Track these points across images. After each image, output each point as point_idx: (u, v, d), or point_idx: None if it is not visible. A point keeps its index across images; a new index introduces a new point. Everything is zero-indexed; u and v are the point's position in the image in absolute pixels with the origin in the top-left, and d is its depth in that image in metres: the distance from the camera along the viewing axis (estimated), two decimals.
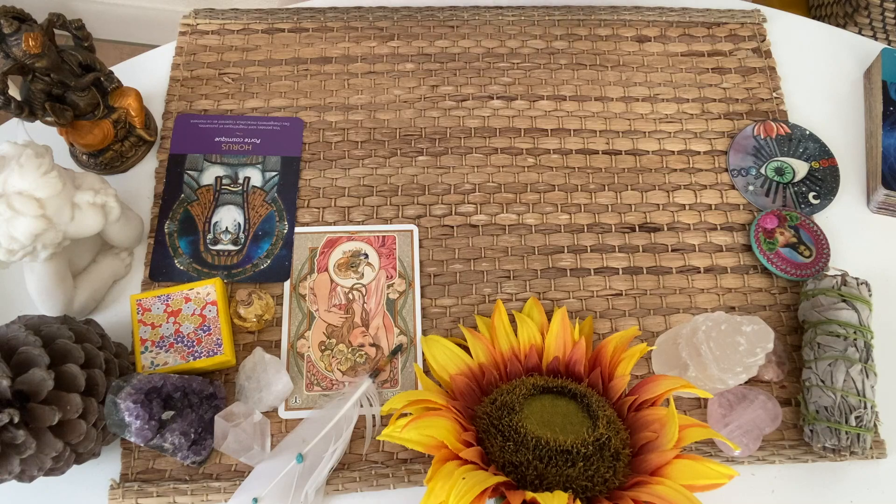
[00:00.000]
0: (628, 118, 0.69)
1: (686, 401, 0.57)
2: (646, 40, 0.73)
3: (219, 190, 0.63)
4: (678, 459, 0.46)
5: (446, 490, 0.42)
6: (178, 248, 0.61)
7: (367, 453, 0.55)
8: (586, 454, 0.46)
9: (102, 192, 0.53)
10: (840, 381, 0.53)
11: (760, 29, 0.74)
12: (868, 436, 0.52)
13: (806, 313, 0.58)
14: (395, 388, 0.57)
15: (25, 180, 0.48)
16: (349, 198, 0.64)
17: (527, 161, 0.66)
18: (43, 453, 0.45)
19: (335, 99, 0.68)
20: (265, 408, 0.55)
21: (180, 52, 0.70)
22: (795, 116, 0.70)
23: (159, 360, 0.54)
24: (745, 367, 0.52)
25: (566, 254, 0.63)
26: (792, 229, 0.62)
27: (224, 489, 0.52)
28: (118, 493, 0.52)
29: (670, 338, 0.56)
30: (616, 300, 0.61)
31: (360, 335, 0.58)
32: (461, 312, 0.60)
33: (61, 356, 0.47)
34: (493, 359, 0.55)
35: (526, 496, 0.43)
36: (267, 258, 0.60)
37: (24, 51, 0.52)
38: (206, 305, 0.56)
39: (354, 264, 0.61)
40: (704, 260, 0.63)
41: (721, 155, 0.68)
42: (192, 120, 0.66)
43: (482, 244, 0.63)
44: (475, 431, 0.48)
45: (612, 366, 0.53)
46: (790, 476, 0.55)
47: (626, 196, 0.65)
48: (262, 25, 0.72)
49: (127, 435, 0.48)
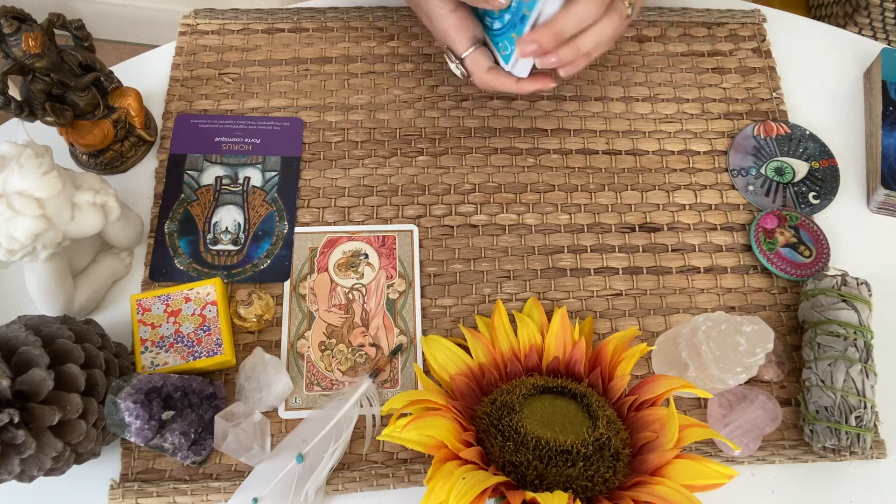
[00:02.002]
0: (628, 118, 0.69)
1: (686, 401, 0.57)
2: (646, 40, 0.73)
3: (219, 190, 0.63)
4: (678, 459, 0.46)
5: (446, 490, 0.42)
6: (178, 248, 0.61)
7: (367, 453, 0.55)
8: (586, 454, 0.46)
9: (102, 192, 0.53)
10: (840, 381, 0.53)
11: (760, 29, 0.74)
12: (868, 436, 0.52)
13: (806, 313, 0.58)
14: (395, 388, 0.57)
15: (25, 180, 0.48)
16: (349, 198, 0.64)
17: (527, 161, 0.66)
18: (43, 453, 0.45)
19: (335, 99, 0.68)
20: (265, 408, 0.55)
21: (180, 52, 0.70)
22: (795, 116, 0.70)
23: (159, 360, 0.54)
24: (745, 367, 0.52)
25: (566, 254, 0.63)
26: (792, 229, 0.62)
27: (224, 489, 0.53)
28: (118, 493, 0.52)
29: (670, 338, 0.57)
30: (616, 300, 0.61)
31: (360, 335, 0.58)
32: (461, 312, 0.60)
33: (61, 356, 0.47)
34: (493, 359, 0.55)
35: (526, 496, 0.43)
36: (267, 258, 0.60)
37: (24, 51, 0.52)
38: (206, 305, 0.56)
39: (354, 264, 0.61)
40: (704, 260, 0.63)
41: (721, 155, 0.68)
42: (192, 120, 0.66)
43: (482, 244, 0.63)
44: (475, 431, 0.48)
45: (612, 366, 0.53)
46: (790, 476, 0.55)
47: (626, 196, 0.65)
48: (262, 25, 0.72)
49: (127, 435, 0.48)
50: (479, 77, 0.56)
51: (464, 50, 0.55)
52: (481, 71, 0.55)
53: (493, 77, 0.55)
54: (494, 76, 0.55)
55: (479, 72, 0.55)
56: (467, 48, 0.55)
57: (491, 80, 0.55)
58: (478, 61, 0.55)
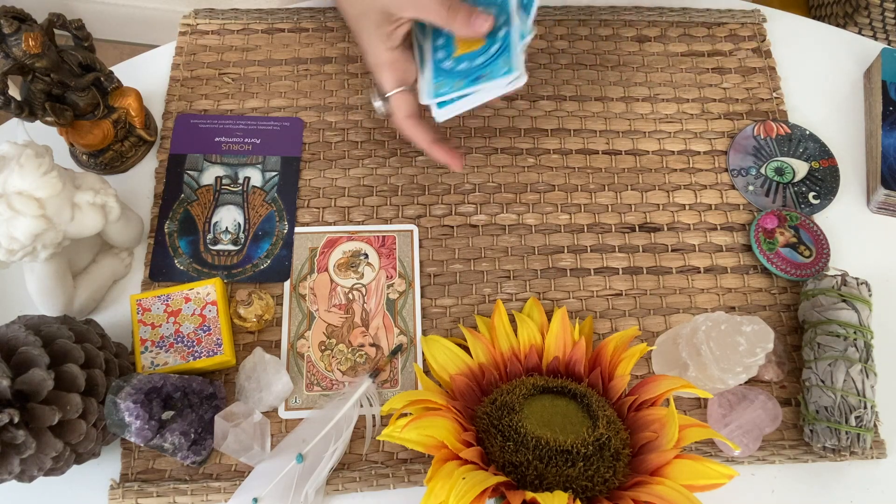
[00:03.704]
0: (628, 118, 0.69)
1: (686, 401, 0.57)
2: (646, 40, 0.73)
3: (219, 190, 0.63)
4: (678, 459, 0.46)
5: (446, 490, 0.42)
6: (178, 248, 0.61)
7: (367, 453, 0.55)
8: (586, 454, 0.46)
9: (102, 192, 0.53)
10: (840, 381, 0.53)
11: (760, 29, 0.74)
12: (868, 436, 0.52)
13: (806, 313, 0.58)
14: (395, 388, 0.57)
15: (25, 180, 0.48)
16: (349, 198, 0.64)
17: (527, 161, 0.66)
18: (43, 453, 0.45)
19: (335, 99, 0.68)
20: (265, 408, 0.55)
21: (180, 52, 0.70)
22: (795, 116, 0.70)
23: (159, 360, 0.54)
24: (745, 367, 0.52)
25: (566, 254, 0.63)
26: (792, 229, 0.62)
27: (224, 489, 0.53)
28: (118, 493, 0.52)
29: (670, 338, 0.56)
30: (616, 300, 0.61)
31: (360, 335, 0.58)
32: (461, 312, 0.60)
33: (61, 356, 0.47)
34: (493, 359, 0.55)
35: (526, 496, 0.43)
36: (267, 258, 0.60)
37: (24, 51, 0.52)
38: (206, 305, 0.56)
39: (354, 264, 0.61)
40: (704, 260, 0.63)
41: (721, 155, 0.68)
42: (192, 120, 0.66)
43: (482, 244, 0.63)
44: (475, 431, 0.48)
45: (612, 366, 0.53)
46: (790, 476, 0.55)
47: (626, 196, 0.65)
48: (262, 25, 0.72)
49: (127, 435, 0.48)
50: (398, 120, 0.55)
51: (390, 89, 0.54)
52: (402, 115, 0.54)
53: (411, 125, 0.55)
54: (413, 125, 0.55)
55: (399, 115, 0.55)
56: (394, 88, 0.54)
57: (409, 127, 0.55)
58: (401, 104, 0.54)
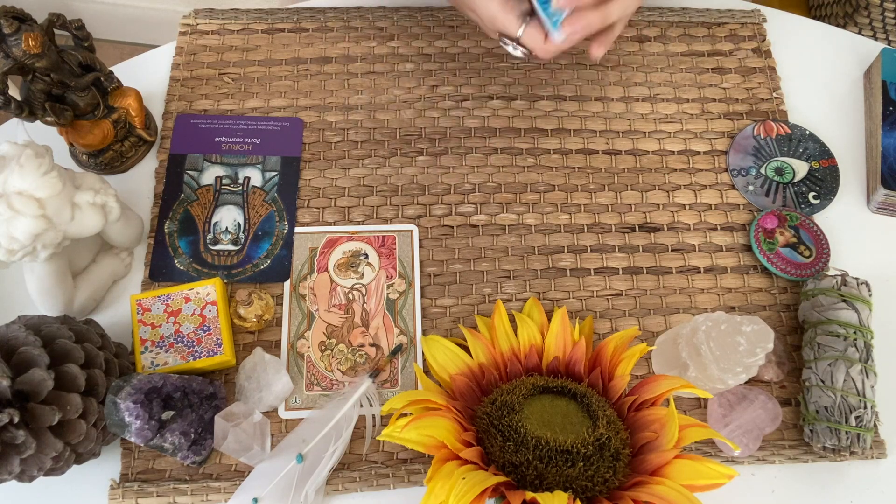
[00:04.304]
0: (628, 118, 0.69)
1: (686, 401, 0.57)
2: (646, 40, 0.73)
3: (219, 190, 0.63)
4: (678, 459, 0.46)
5: (446, 490, 0.42)
6: (178, 248, 0.61)
7: (367, 453, 0.55)
8: (586, 454, 0.46)
9: (102, 192, 0.53)
10: (840, 381, 0.53)
11: (760, 29, 0.74)
12: (868, 436, 0.52)
13: (806, 313, 0.58)
14: (395, 388, 0.57)
15: (25, 180, 0.48)
16: (349, 198, 0.64)
17: (527, 161, 0.66)
18: (43, 453, 0.45)
19: (335, 99, 0.68)
20: (265, 408, 0.55)
21: (180, 52, 0.70)
22: (795, 116, 0.70)
23: (159, 360, 0.54)
24: (745, 367, 0.52)
25: (566, 254, 0.63)
26: (792, 229, 0.62)
27: (224, 489, 0.53)
28: (118, 493, 0.52)
29: (670, 338, 0.56)
30: (616, 300, 0.61)
31: (360, 335, 0.58)
32: (461, 312, 0.60)
33: (61, 356, 0.47)
34: (493, 359, 0.55)
35: (526, 496, 0.43)
36: (267, 258, 0.60)
37: (24, 51, 0.52)
38: (206, 305, 0.56)
39: (354, 264, 0.61)
40: (704, 260, 0.63)
41: (721, 155, 0.68)
42: (192, 120, 0.66)
43: (482, 244, 0.63)
44: (475, 431, 0.48)
45: (612, 366, 0.53)
46: (790, 476, 0.55)
47: (626, 196, 0.65)
48: (262, 25, 0.72)
49: (127, 435, 0.48)
50: (541, 50, 0.55)
51: (517, 29, 0.54)
52: (540, 44, 0.55)
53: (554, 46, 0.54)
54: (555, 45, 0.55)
55: (538, 46, 0.55)
56: (520, 26, 0.54)
57: (554, 49, 0.55)
58: (534, 36, 0.54)
